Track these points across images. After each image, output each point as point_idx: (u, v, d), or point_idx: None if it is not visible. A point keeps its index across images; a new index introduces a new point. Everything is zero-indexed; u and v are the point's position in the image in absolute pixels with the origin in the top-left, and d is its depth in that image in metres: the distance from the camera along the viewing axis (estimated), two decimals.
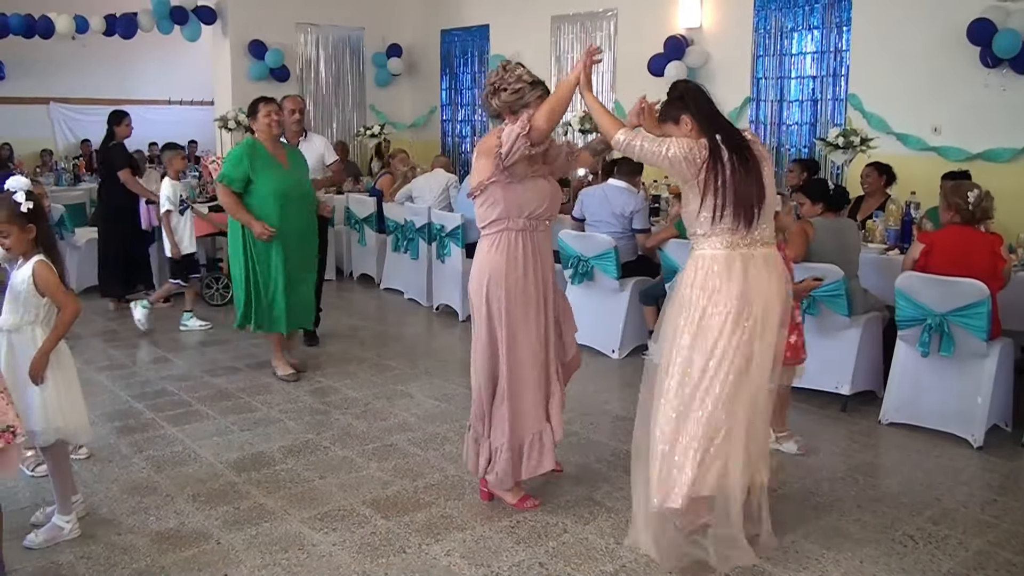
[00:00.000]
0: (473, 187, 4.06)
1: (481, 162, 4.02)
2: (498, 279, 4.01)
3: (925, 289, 5.06)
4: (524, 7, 11.89)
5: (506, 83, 4.00)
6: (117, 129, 8.40)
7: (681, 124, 3.73)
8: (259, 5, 12.42)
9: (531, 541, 3.90)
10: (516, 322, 4.03)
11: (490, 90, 4.05)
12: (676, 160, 3.61)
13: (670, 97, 3.82)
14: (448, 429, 5.32)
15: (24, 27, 11.96)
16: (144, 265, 8.85)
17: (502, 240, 4.02)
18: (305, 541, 3.91)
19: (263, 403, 5.82)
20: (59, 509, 3.95)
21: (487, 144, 4.02)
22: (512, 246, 4.01)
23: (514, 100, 3.99)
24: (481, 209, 4.06)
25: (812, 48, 9.21)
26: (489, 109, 4.13)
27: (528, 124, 3.85)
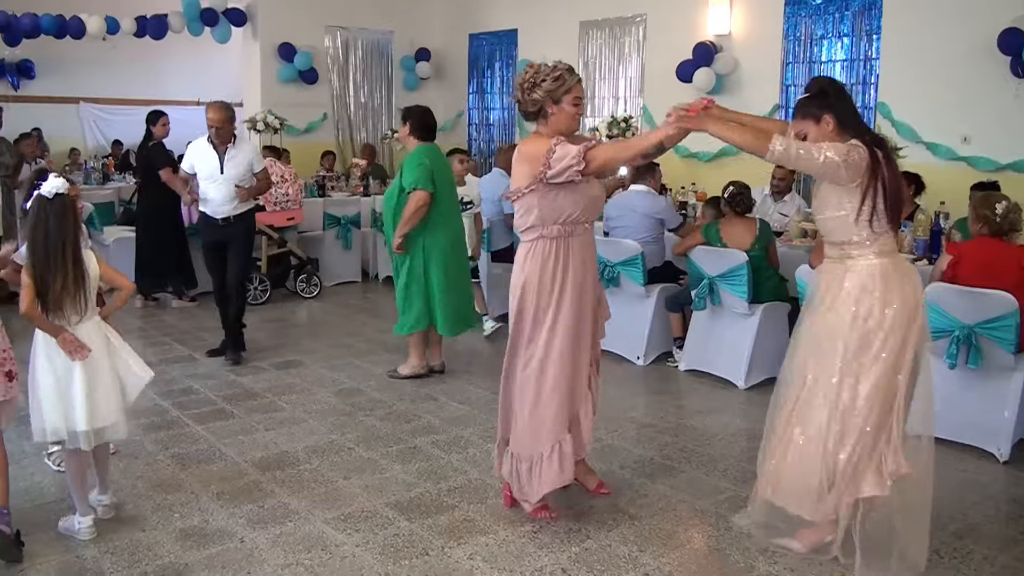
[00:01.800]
0: (511, 192, 4.02)
1: (523, 168, 3.93)
2: (532, 288, 3.96)
3: (953, 300, 5.02)
4: (553, 12, 11.89)
5: (543, 74, 3.91)
6: (154, 129, 8.51)
7: (822, 124, 3.60)
8: (289, 8, 12.50)
9: (553, 547, 3.90)
10: (549, 331, 3.97)
11: (527, 86, 3.94)
12: (832, 165, 3.47)
13: (810, 93, 3.70)
14: (472, 433, 5.32)
15: (55, 27, 12.08)
16: (187, 263, 8.92)
17: (537, 247, 3.97)
18: (328, 541, 3.93)
19: (288, 403, 5.85)
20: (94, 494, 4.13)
21: (531, 151, 3.92)
22: (547, 254, 3.94)
23: (556, 87, 3.89)
24: (518, 215, 4.03)
25: (842, 56, 9.16)
26: (528, 106, 3.99)
27: (584, 158, 3.75)
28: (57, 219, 3.78)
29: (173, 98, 15.88)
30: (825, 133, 3.60)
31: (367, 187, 11.24)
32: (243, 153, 6.83)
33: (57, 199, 3.79)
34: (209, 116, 6.61)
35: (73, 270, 3.81)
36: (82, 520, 3.96)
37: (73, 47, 13.09)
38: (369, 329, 8.05)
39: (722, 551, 3.88)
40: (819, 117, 3.61)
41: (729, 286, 6.17)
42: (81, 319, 3.88)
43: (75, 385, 3.81)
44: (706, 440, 5.27)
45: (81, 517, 3.97)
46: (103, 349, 3.91)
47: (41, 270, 3.77)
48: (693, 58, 9.89)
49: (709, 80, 9.74)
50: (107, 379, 3.89)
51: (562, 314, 3.98)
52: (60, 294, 3.79)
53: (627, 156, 3.89)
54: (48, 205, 3.78)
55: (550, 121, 3.97)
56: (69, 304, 3.83)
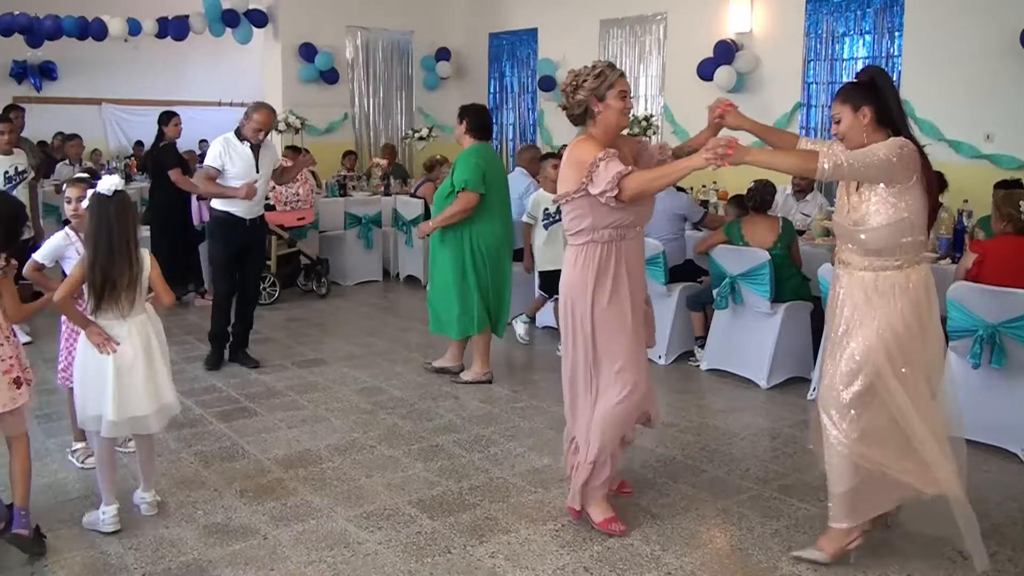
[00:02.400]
0: (559, 195, 3.94)
1: (571, 173, 3.84)
2: (584, 295, 3.88)
3: (977, 299, 4.98)
4: (573, 11, 11.89)
5: (583, 75, 3.86)
6: (166, 129, 8.57)
7: (859, 114, 3.55)
8: (310, 8, 12.55)
9: (575, 545, 3.90)
10: (604, 338, 3.90)
11: (570, 90, 3.89)
12: (887, 165, 3.41)
13: (859, 80, 3.65)
14: (493, 431, 5.33)
15: (78, 29, 12.18)
16: (195, 263, 8.97)
17: (588, 253, 3.87)
18: (351, 539, 3.94)
19: (310, 401, 5.88)
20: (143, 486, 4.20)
21: (579, 157, 3.83)
22: (598, 259, 3.86)
23: (599, 84, 3.83)
24: (567, 218, 3.94)
25: (864, 53, 9.11)
26: (574, 109, 3.93)
27: (617, 185, 3.67)
28: (119, 216, 3.84)
29: (194, 98, 16.02)
30: (860, 125, 3.56)
31: (388, 187, 11.26)
32: (271, 152, 6.93)
33: (116, 196, 3.84)
34: (257, 119, 6.54)
35: (135, 266, 3.88)
36: (106, 510, 4.00)
37: (95, 48, 13.20)
38: (390, 328, 8.08)
39: (744, 551, 3.87)
40: (858, 107, 3.55)
41: (751, 285, 6.15)
42: (130, 315, 3.93)
43: (107, 373, 3.85)
44: (728, 440, 5.26)
45: (105, 507, 4.01)
46: (143, 345, 3.95)
47: (105, 266, 3.81)
48: (714, 56, 9.87)
49: (730, 78, 9.71)
50: (141, 372, 3.93)
51: (617, 319, 3.88)
52: (120, 290, 3.86)
53: (660, 186, 3.78)
54: (108, 202, 3.83)
55: (599, 120, 3.89)
56: (125, 299, 3.89)
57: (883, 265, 3.57)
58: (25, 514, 3.76)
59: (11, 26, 11.92)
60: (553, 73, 12.03)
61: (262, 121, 6.56)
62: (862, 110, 3.55)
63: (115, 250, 3.83)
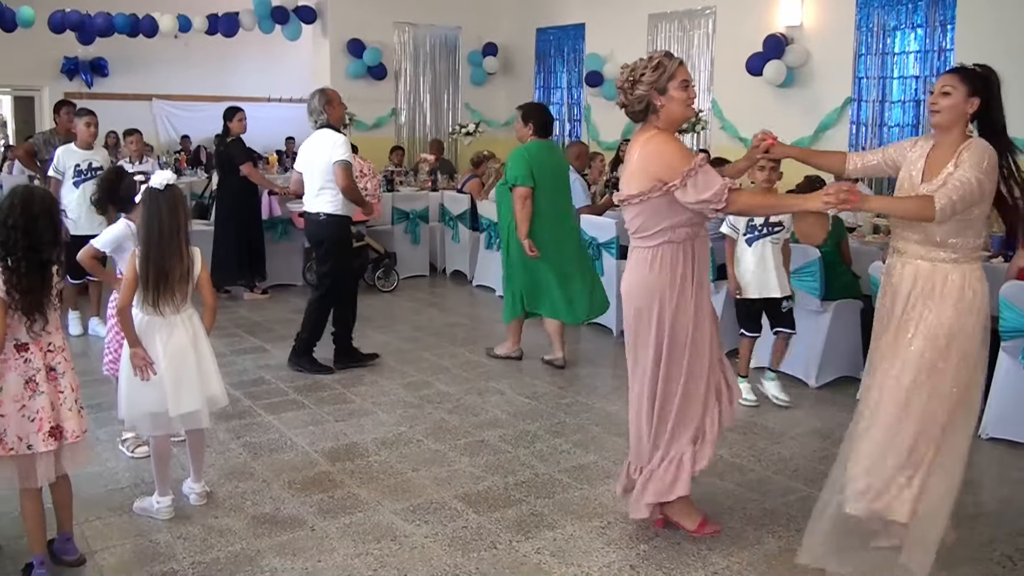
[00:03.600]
0: (631, 195, 3.69)
1: (653, 168, 3.62)
2: (665, 300, 3.68)
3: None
4: (621, 5, 11.84)
5: (641, 68, 3.66)
6: (231, 124, 8.67)
7: (969, 102, 3.52)
8: (358, 5, 12.64)
9: (622, 543, 3.88)
10: (684, 343, 3.72)
11: (628, 85, 3.69)
12: (979, 190, 3.42)
13: (978, 71, 3.63)
14: (539, 427, 5.33)
15: (129, 26, 12.38)
16: (261, 255, 9.06)
17: (664, 254, 3.68)
18: (397, 532, 3.96)
19: (357, 395, 5.91)
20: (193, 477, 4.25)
21: (664, 152, 3.62)
22: (675, 261, 3.68)
23: (658, 76, 3.62)
24: (637, 217, 3.72)
25: (915, 47, 8.98)
26: (634, 105, 3.71)
27: (726, 200, 3.51)
28: (171, 210, 3.88)
29: (244, 94, 16.15)
30: (963, 110, 3.52)
31: (435, 182, 11.30)
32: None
33: (168, 190, 3.89)
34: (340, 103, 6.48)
35: (185, 260, 3.93)
36: (161, 500, 4.07)
37: (146, 45, 13.40)
38: (437, 323, 8.10)
39: (792, 551, 3.81)
40: (972, 93, 3.52)
41: (801, 283, 6.07)
42: (179, 311, 3.98)
43: (161, 370, 3.90)
44: (776, 439, 5.20)
45: (160, 497, 4.07)
46: (190, 340, 4.00)
47: (158, 261, 3.86)
48: (764, 50, 9.78)
49: (779, 73, 9.61)
50: (192, 366, 3.98)
51: (694, 322, 3.72)
52: (173, 284, 3.91)
53: (765, 212, 3.79)
54: (160, 197, 3.88)
55: (661, 114, 3.68)
56: (178, 293, 3.95)
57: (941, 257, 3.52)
58: (70, 538, 3.69)
59: (63, 23, 12.15)
60: (600, 68, 11.98)
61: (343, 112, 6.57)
62: (972, 100, 3.51)
63: (166, 244, 3.87)
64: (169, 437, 4.17)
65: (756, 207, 3.74)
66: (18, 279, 3.29)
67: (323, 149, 6.18)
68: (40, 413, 3.37)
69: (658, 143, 3.66)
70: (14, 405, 3.34)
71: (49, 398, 3.40)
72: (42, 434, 3.36)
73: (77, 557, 3.67)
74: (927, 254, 3.54)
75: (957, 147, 3.50)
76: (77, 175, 7.21)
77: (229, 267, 8.86)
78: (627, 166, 3.78)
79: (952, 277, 3.49)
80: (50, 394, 3.41)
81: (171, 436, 4.23)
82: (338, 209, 6.27)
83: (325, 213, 6.25)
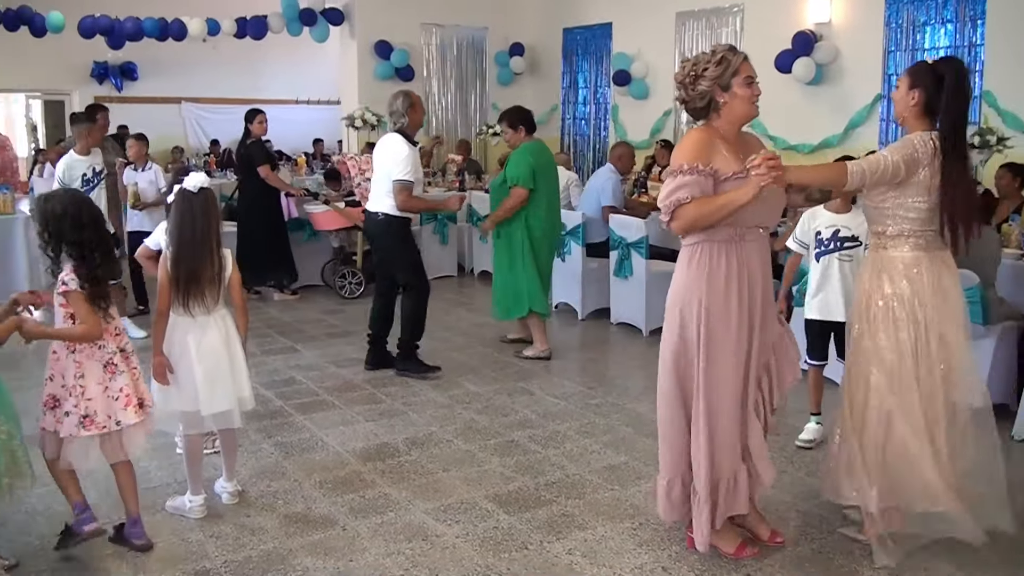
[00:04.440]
0: (662, 201, 3.51)
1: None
2: (695, 299, 3.51)
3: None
4: (648, 4, 11.79)
5: (703, 62, 3.50)
6: (252, 127, 8.70)
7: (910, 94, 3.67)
8: (386, 6, 12.67)
9: (654, 544, 3.87)
10: (715, 348, 3.51)
11: (689, 80, 3.52)
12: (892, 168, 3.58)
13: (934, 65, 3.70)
14: (568, 428, 5.32)
15: (158, 30, 12.48)
16: (287, 256, 9.09)
17: (702, 253, 3.51)
18: (429, 532, 3.97)
19: (387, 395, 5.93)
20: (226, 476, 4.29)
21: (675, 150, 3.57)
22: (714, 260, 3.49)
23: (722, 72, 3.46)
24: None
25: (945, 43, 8.87)
26: (696, 102, 3.55)
27: (667, 213, 3.45)
28: (204, 212, 3.93)
29: (272, 97, 16.30)
30: (907, 103, 3.66)
31: (463, 182, 11.31)
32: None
33: (201, 193, 3.94)
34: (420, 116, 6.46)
35: (216, 262, 3.97)
36: (193, 499, 4.10)
37: (175, 49, 13.52)
38: (465, 323, 8.12)
39: (825, 554, 3.79)
40: (913, 86, 3.64)
41: None
42: (210, 312, 4.02)
43: (195, 370, 3.93)
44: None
45: (192, 496, 4.11)
46: (223, 340, 4.04)
47: (189, 262, 3.90)
48: (792, 48, 9.70)
49: (809, 70, 9.54)
50: (225, 367, 4.01)
51: (731, 328, 3.52)
52: (204, 285, 3.94)
53: (716, 219, 3.42)
54: (193, 198, 3.92)
55: (723, 112, 3.52)
56: (209, 294, 3.98)
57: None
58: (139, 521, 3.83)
59: (93, 28, 12.27)
60: (628, 67, 11.95)
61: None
62: (914, 92, 3.63)
63: (198, 245, 3.91)
64: (200, 436, 4.18)
65: (699, 218, 3.40)
66: (90, 271, 3.54)
67: (387, 159, 6.18)
68: (124, 390, 3.63)
69: (683, 139, 3.61)
70: (98, 388, 3.58)
71: (129, 376, 3.67)
72: (131, 407, 3.64)
73: (144, 542, 3.78)
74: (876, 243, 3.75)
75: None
76: (86, 184, 7.15)
77: (255, 268, 8.91)
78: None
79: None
80: (128, 372, 3.67)
81: (203, 435, 4.26)
82: (396, 211, 6.25)
83: (383, 213, 6.26)
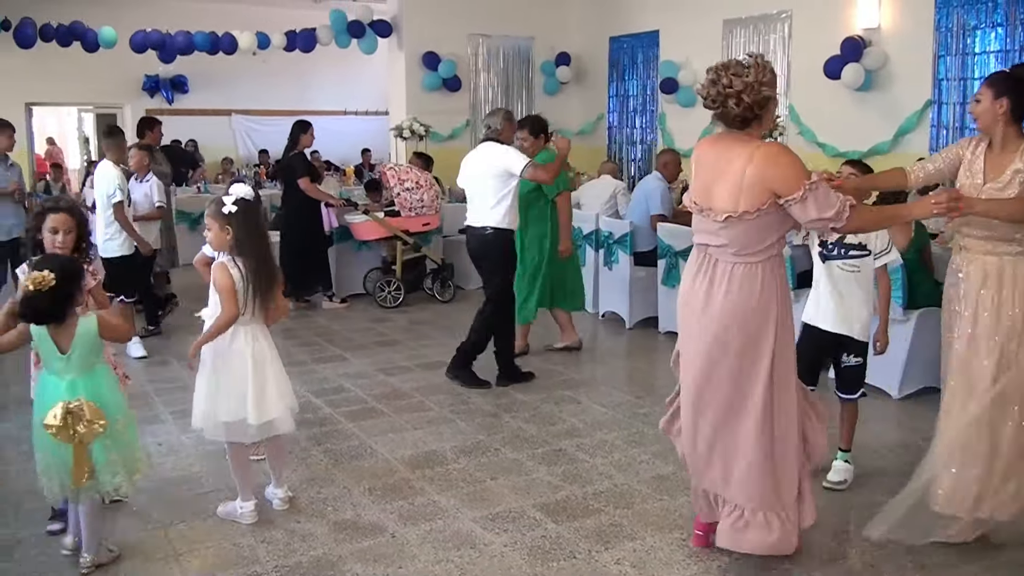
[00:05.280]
0: (745, 210, 3.38)
1: (766, 180, 3.37)
2: (778, 319, 3.47)
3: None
4: (695, 11, 11.73)
5: (763, 71, 3.41)
6: (303, 138, 8.84)
7: (997, 103, 3.73)
8: (433, 18, 12.74)
9: (703, 555, 3.84)
10: (788, 363, 3.54)
11: (758, 85, 3.39)
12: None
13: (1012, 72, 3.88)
14: (616, 437, 5.31)
15: (209, 44, 12.67)
16: (324, 266, 9.19)
17: (769, 270, 3.47)
18: (477, 540, 3.98)
19: (436, 403, 5.96)
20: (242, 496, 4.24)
21: (778, 168, 3.37)
22: (780, 276, 3.51)
23: (773, 79, 3.45)
24: (747, 234, 3.42)
25: (996, 47, 8.70)
26: (756, 108, 3.44)
27: (843, 218, 3.35)
28: (265, 220, 4.05)
29: (320, 108, 16.48)
30: (995, 112, 3.72)
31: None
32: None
33: (257, 201, 4.06)
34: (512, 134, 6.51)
35: (275, 272, 4.08)
36: (244, 505, 4.16)
37: (225, 61, 13.72)
38: None
39: (876, 567, 3.75)
40: (999, 95, 3.70)
41: None
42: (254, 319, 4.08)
43: (247, 379, 3.99)
44: (857, 451, 5.06)
45: (243, 502, 4.17)
46: (270, 349, 4.11)
47: (265, 270, 4.00)
48: (841, 54, 9.59)
49: (858, 76, 9.43)
50: (273, 375, 4.08)
51: (790, 340, 3.56)
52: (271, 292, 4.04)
53: (881, 224, 3.74)
54: (258, 207, 4.06)
55: (764, 122, 3.52)
56: (270, 303, 4.08)
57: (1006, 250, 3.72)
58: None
59: (144, 43, 12.51)
60: (675, 75, 11.91)
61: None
62: (1000, 100, 3.70)
63: (269, 253, 4.06)
64: (245, 447, 4.23)
65: (870, 222, 3.67)
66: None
67: (492, 160, 6.20)
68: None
69: (775, 153, 3.42)
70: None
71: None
72: None
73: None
74: (993, 249, 3.73)
75: (1017, 146, 3.73)
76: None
77: (297, 277, 9.04)
78: (725, 177, 3.45)
79: (1019, 268, 3.69)
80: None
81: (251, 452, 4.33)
82: (505, 223, 6.24)
83: (492, 227, 6.23)
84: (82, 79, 15.02)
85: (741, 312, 3.46)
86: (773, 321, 3.46)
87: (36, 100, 15.98)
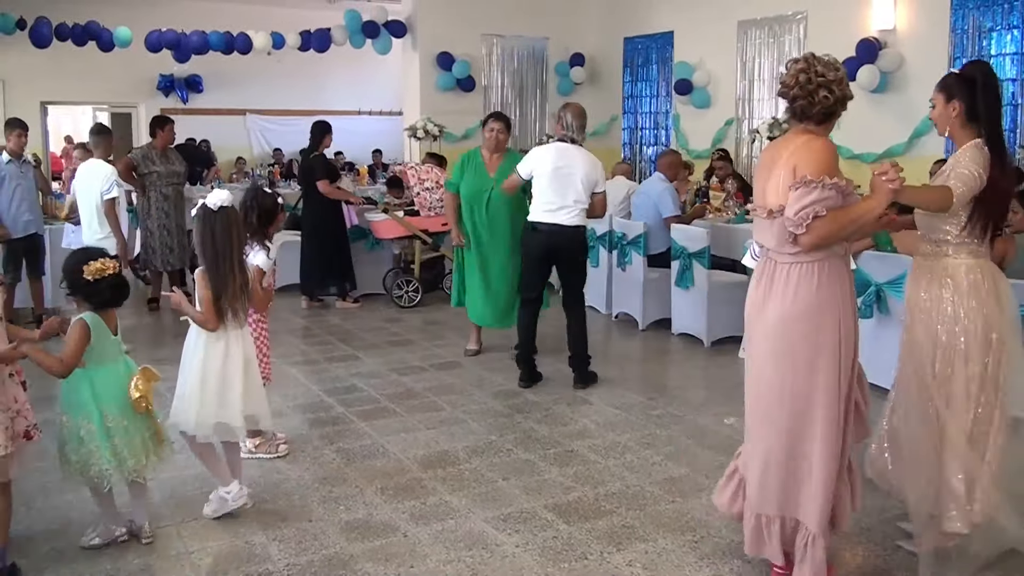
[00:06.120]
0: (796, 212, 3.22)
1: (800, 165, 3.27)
2: (842, 320, 3.33)
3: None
4: (710, 12, 11.71)
5: (838, 67, 3.35)
6: (326, 138, 8.89)
7: (949, 107, 3.67)
8: (447, 18, 12.75)
9: (715, 558, 3.83)
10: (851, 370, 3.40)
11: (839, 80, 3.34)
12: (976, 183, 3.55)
13: (962, 73, 3.77)
14: (628, 439, 5.29)
15: (223, 44, 12.72)
16: (348, 265, 9.21)
17: (832, 267, 3.34)
18: (489, 540, 3.98)
19: (448, 403, 5.96)
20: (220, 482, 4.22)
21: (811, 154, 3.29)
22: (843, 274, 3.37)
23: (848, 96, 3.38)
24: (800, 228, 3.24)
25: (1012, 49, 8.66)
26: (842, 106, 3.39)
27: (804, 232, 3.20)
28: (224, 230, 4.00)
29: (334, 108, 16.52)
30: (948, 116, 3.66)
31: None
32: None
33: (221, 211, 4.01)
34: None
35: (238, 277, 4.06)
36: (228, 490, 4.15)
37: (239, 61, 13.77)
38: None
39: (889, 572, 3.73)
40: (950, 99, 3.65)
41: (898, 293, 5.92)
42: (242, 326, 4.15)
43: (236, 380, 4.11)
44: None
45: (224, 488, 4.15)
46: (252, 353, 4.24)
47: (215, 279, 4.00)
48: (856, 55, 9.56)
49: (873, 78, 9.39)
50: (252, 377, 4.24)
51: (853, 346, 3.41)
52: (230, 300, 4.03)
53: (847, 234, 3.30)
54: (214, 217, 4.00)
55: (831, 124, 3.45)
56: (239, 307, 4.09)
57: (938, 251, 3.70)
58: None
59: (159, 42, 12.58)
60: (690, 76, 11.89)
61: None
62: (953, 103, 3.65)
63: (221, 262, 4.00)
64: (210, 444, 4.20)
65: (833, 233, 3.21)
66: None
67: (589, 169, 6.17)
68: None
69: (814, 142, 3.33)
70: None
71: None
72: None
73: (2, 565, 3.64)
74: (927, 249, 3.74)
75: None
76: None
77: (318, 277, 9.08)
78: (773, 173, 3.39)
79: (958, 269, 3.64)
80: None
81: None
82: (585, 221, 6.31)
83: (574, 226, 6.22)
84: (97, 78, 15.10)
85: (808, 313, 3.32)
86: (833, 325, 3.31)
87: (51, 99, 16.08)
